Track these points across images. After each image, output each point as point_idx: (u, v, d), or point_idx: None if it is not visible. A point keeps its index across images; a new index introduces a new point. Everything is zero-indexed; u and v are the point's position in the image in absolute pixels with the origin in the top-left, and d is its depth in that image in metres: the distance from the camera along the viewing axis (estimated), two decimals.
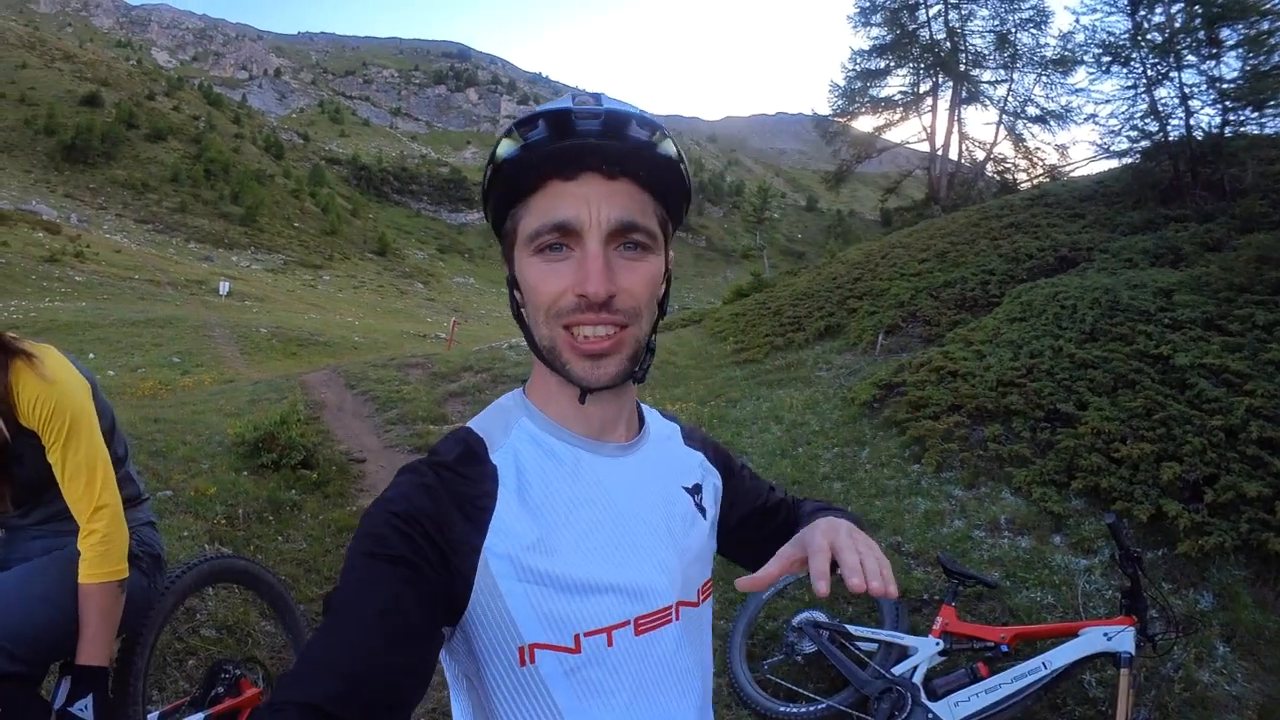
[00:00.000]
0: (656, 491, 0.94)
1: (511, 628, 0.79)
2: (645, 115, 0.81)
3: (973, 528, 4.64)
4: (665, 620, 0.88)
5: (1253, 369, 5.13)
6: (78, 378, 1.82)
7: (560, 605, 0.80)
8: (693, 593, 0.94)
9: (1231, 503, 4.19)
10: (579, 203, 0.79)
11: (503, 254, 0.90)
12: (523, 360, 12.03)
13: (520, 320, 0.88)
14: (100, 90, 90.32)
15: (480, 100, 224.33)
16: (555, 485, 0.86)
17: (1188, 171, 10.28)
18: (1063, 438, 5.09)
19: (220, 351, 20.20)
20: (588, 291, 0.78)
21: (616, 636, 0.83)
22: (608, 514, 0.87)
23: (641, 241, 0.82)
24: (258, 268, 56.81)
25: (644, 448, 0.96)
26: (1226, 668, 3.41)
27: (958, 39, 25.00)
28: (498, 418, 0.92)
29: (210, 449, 6.46)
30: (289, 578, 4.17)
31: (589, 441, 0.90)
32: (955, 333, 7.73)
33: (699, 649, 0.95)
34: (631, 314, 0.82)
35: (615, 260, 0.81)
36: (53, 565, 1.77)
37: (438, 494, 0.79)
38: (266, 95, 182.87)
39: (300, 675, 0.66)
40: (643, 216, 0.82)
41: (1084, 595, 3.85)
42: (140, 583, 1.93)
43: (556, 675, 0.80)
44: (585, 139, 0.78)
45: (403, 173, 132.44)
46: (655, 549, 0.89)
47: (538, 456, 0.87)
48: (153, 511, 2.15)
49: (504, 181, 0.82)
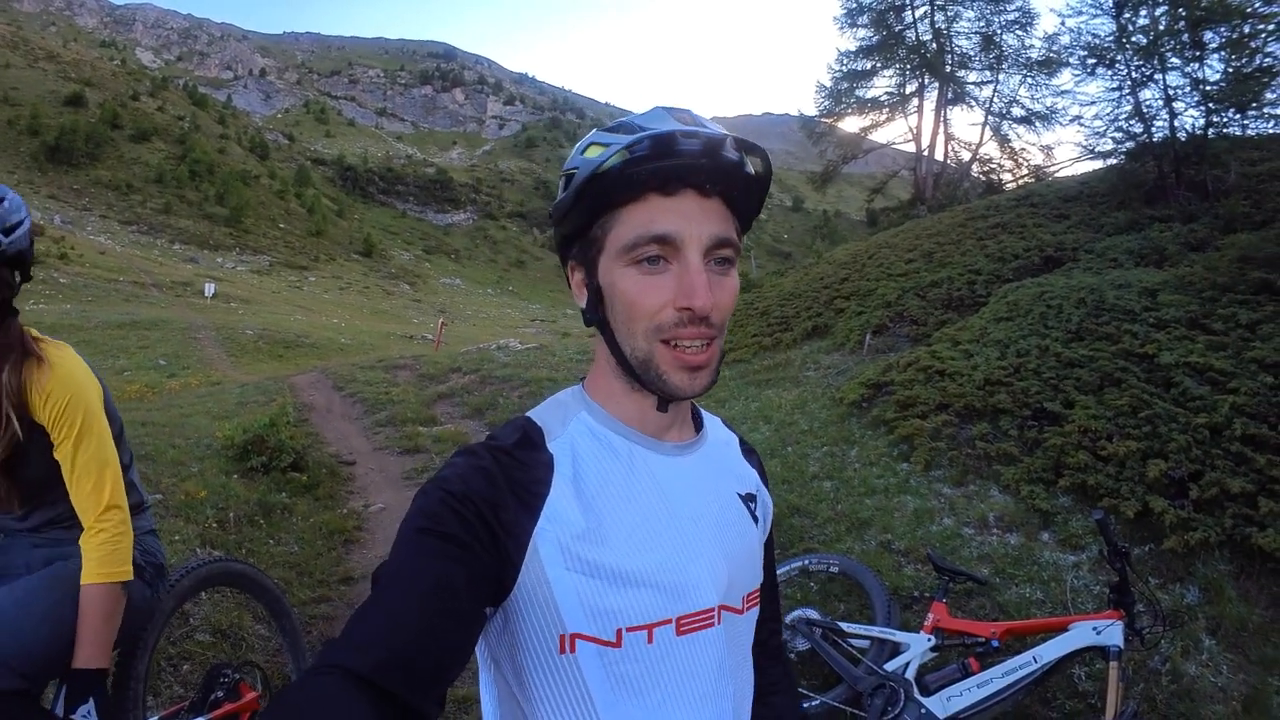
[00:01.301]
0: (710, 493, 0.95)
1: (555, 615, 0.80)
2: (737, 137, 0.84)
3: (962, 525, 4.68)
4: (708, 623, 0.88)
5: (1236, 367, 5.19)
6: (92, 378, 1.82)
7: (605, 597, 0.81)
8: (738, 599, 0.94)
9: (1216, 499, 4.24)
10: (679, 218, 0.82)
11: (573, 258, 0.91)
12: (511, 361, 12.03)
13: (603, 326, 0.89)
14: (84, 90, 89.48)
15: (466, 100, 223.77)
16: (610, 477, 0.87)
17: (1171, 172, 10.38)
18: (1050, 436, 5.14)
19: (207, 354, 20.09)
20: (694, 305, 0.80)
21: (658, 634, 0.83)
22: (660, 510, 0.88)
23: (729, 257, 0.85)
24: (243, 269, 56.51)
25: (701, 449, 0.97)
26: (1212, 660, 3.46)
27: (944, 40, 25.11)
28: (556, 410, 0.93)
29: (199, 452, 6.43)
30: (281, 581, 4.16)
31: (647, 439, 0.91)
32: (942, 332, 7.77)
33: (740, 656, 0.95)
34: (721, 327, 0.85)
35: (709, 274, 0.83)
36: (55, 581, 1.75)
37: (493, 476, 0.81)
38: (251, 95, 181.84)
39: (346, 643, 0.68)
40: (730, 232, 0.85)
41: (1072, 591, 3.89)
42: (143, 592, 1.91)
43: (595, 667, 0.81)
44: (686, 159, 0.80)
45: (388, 173, 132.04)
46: (704, 550, 0.90)
47: (594, 449, 0.89)
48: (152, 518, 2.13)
49: (599, 190, 0.83)
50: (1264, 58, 9.74)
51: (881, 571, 4.08)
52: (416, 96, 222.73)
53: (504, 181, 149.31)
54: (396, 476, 6.76)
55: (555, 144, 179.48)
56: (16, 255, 1.70)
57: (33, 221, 1.78)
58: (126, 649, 2.02)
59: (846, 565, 3.87)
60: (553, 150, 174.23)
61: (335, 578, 4.52)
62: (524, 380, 10.21)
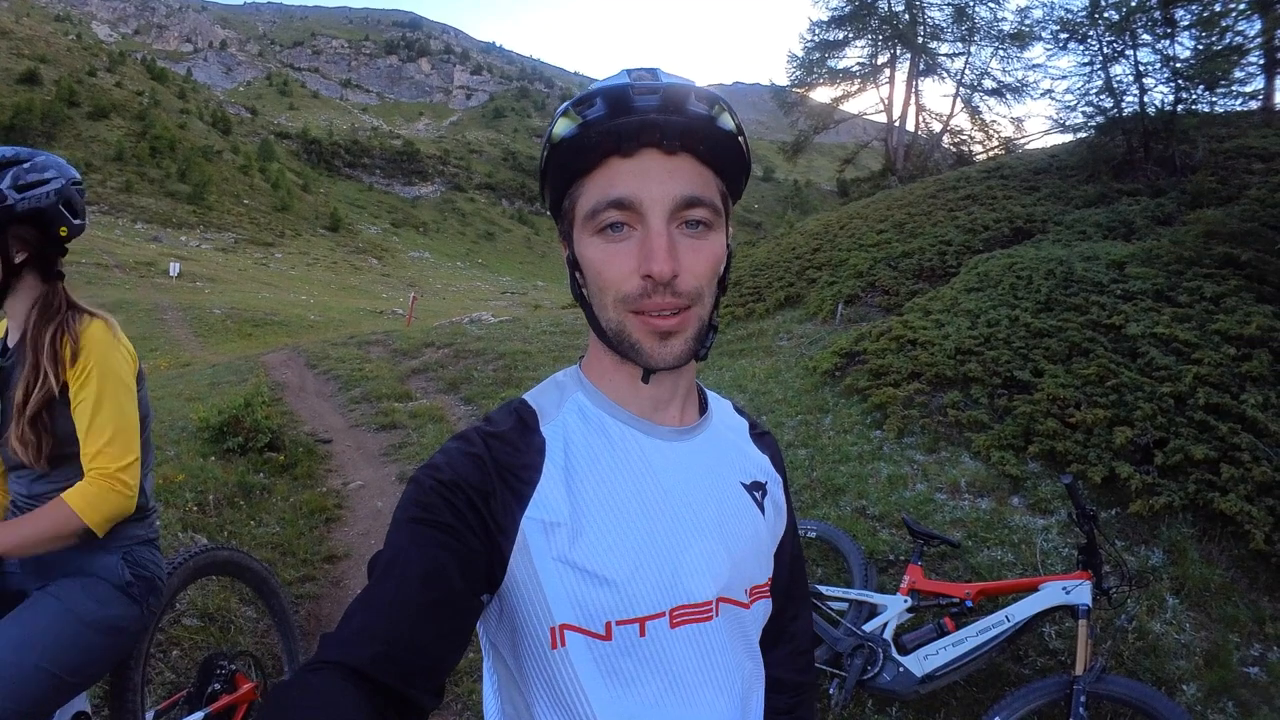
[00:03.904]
0: (710, 481, 0.90)
1: (544, 606, 0.78)
2: (704, 89, 0.79)
3: (934, 491, 4.78)
4: (705, 616, 0.84)
5: (1200, 339, 5.33)
6: (127, 352, 1.84)
7: (591, 590, 0.78)
8: (740, 591, 0.89)
9: (1180, 465, 4.37)
10: (638, 179, 0.77)
11: (560, 234, 0.88)
12: (484, 335, 12.00)
13: (581, 300, 0.86)
14: (39, 67, 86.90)
15: (433, 71, 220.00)
16: (602, 464, 0.84)
17: (1140, 147, 10.54)
18: (1020, 404, 5.25)
19: (174, 335, 19.77)
20: (653, 271, 0.76)
21: (650, 627, 0.80)
22: (652, 499, 0.84)
23: (703, 219, 0.80)
24: (208, 247, 55.36)
25: (702, 435, 0.92)
26: (1176, 618, 3.59)
27: (916, 11, 25.08)
28: (553, 391, 0.91)
29: (174, 435, 6.37)
30: (266, 562, 4.16)
31: (643, 422, 0.88)
32: (914, 302, 7.87)
33: (744, 649, 0.91)
34: (694, 295, 0.79)
35: (678, 239, 0.78)
36: (53, 621, 1.71)
37: (483, 463, 0.79)
38: (212, 69, 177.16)
39: (342, 637, 0.67)
40: (705, 191, 0.79)
41: (1042, 553, 4.01)
42: (131, 611, 1.85)
43: (586, 660, 0.79)
44: (644, 115, 0.76)
45: (354, 146, 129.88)
46: (700, 541, 0.85)
47: (587, 433, 0.86)
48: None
49: (561, 161, 0.80)
50: (1234, 36, 9.91)
51: (858, 536, 4.17)
52: (382, 67, 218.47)
53: (472, 153, 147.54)
54: (374, 453, 6.75)
55: (523, 114, 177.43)
56: (33, 212, 1.72)
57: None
58: (121, 661, 1.99)
59: (824, 530, 3.96)
60: (521, 121, 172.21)
61: (319, 556, 4.52)
62: (498, 354, 10.19)
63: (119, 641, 1.84)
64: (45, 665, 1.65)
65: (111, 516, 1.73)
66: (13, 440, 1.71)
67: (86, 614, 1.75)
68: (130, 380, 1.81)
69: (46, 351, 1.70)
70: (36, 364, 1.70)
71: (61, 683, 1.69)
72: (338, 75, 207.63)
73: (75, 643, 1.72)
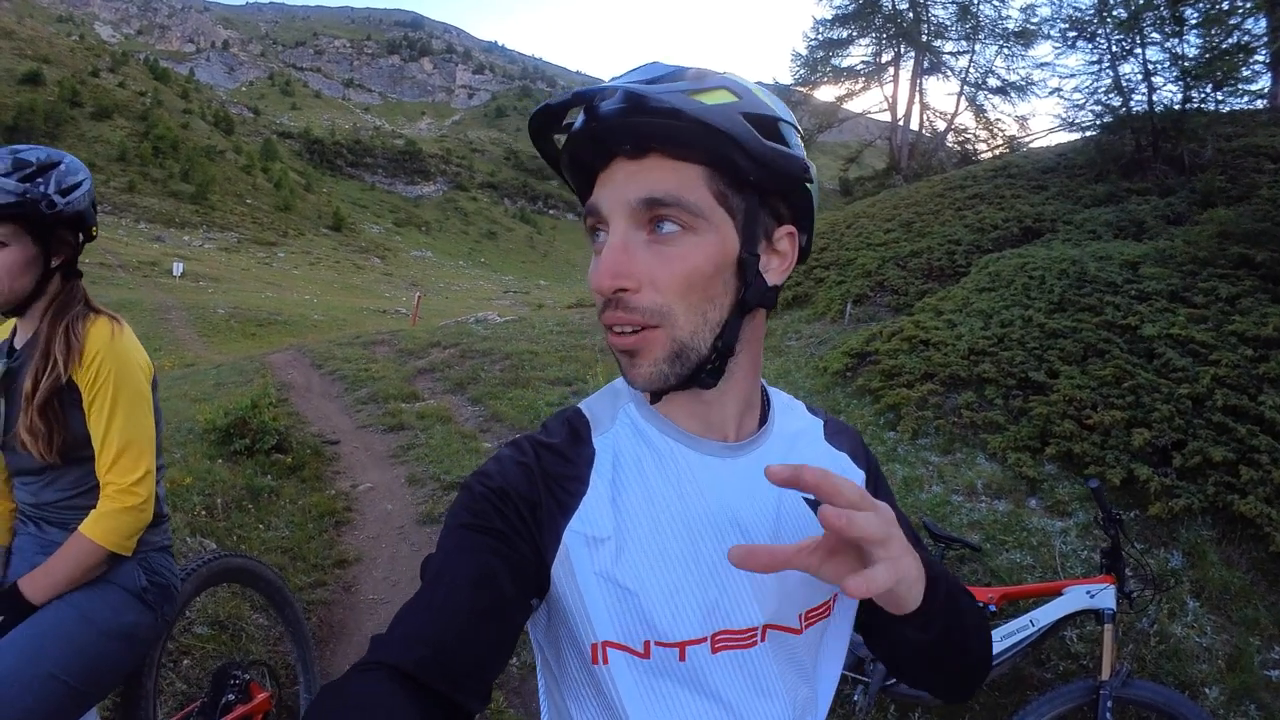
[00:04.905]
0: (765, 499, 0.82)
1: (586, 621, 0.76)
2: (677, 73, 0.73)
3: (951, 493, 4.75)
4: (750, 642, 0.79)
5: (1217, 340, 5.28)
6: (143, 358, 1.82)
7: (631, 609, 0.75)
8: (792, 617, 0.82)
9: (1199, 467, 4.34)
10: (603, 187, 0.74)
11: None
12: (490, 335, 11.97)
13: None
14: (42, 68, 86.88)
15: (435, 70, 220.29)
16: (649, 480, 0.80)
17: (1149, 146, 10.48)
18: (1035, 405, 5.21)
19: (178, 334, 19.79)
20: (591, 285, 0.72)
21: (690, 652, 0.77)
22: (698, 519, 0.79)
23: (676, 219, 0.71)
24: (211, 247, 55.41)
25: (760, 449, 0.85)
26: (1197, 621, 3.56)
27: (920, 9, 25.04)
28: (608, 400, 0.87)
29: (180, 437, 6.32)
30: (277, 567, 4.13)
31: (693, 438, 0.82)
32: (924, 302, 7.83)
33: (795, 674, 0.84)
34: (653, 312, 0.72)
35: (643, 248, 0.72)
36: (69, 629, 1.69)
37: (532, 473, 0.78)
38: (215, 69, 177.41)
39: (391, 639, 0.67)
40: (676, 190, 0.71)
41: (1061, 556, 3.98)
42: (146, 619, 1.83)
43: (627, 679, 0.76)
44: (605, 121, 0.71)
45: (356, 145, 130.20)
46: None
47: (636, 446, 0.82)
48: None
49: (571, 179, 0.79)
50: (1241, 34, 9.88)
51: None
52: (384, 67, 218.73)
53: (474, 152, 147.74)
54: (382, 455, 6.71)
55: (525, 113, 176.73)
56: (75, 216, 1.74)
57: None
58: (134, 671, 1.96)
59: None
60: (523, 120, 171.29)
61: (329, 561, 4.47)
62: (505, 354, 10.14)
63: (134, 650, 1.81)
64: (59, 674, 1.62)
65: (131, 534, 1.73)
66: (22, 432, 1.69)
67: (102, 622, 1.72)
68: (146, 388, 1.80)
69: (59, 343, 1.70)
70: (48, 353, 1.69)
71: (75, 692, 1.66)
72: (340, 75, 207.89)
73: (90, 651, 1.69)
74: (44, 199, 1.66)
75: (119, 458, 1.70)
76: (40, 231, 1.70)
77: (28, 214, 1.65)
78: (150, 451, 1.76)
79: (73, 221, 1.75)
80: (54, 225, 1.71)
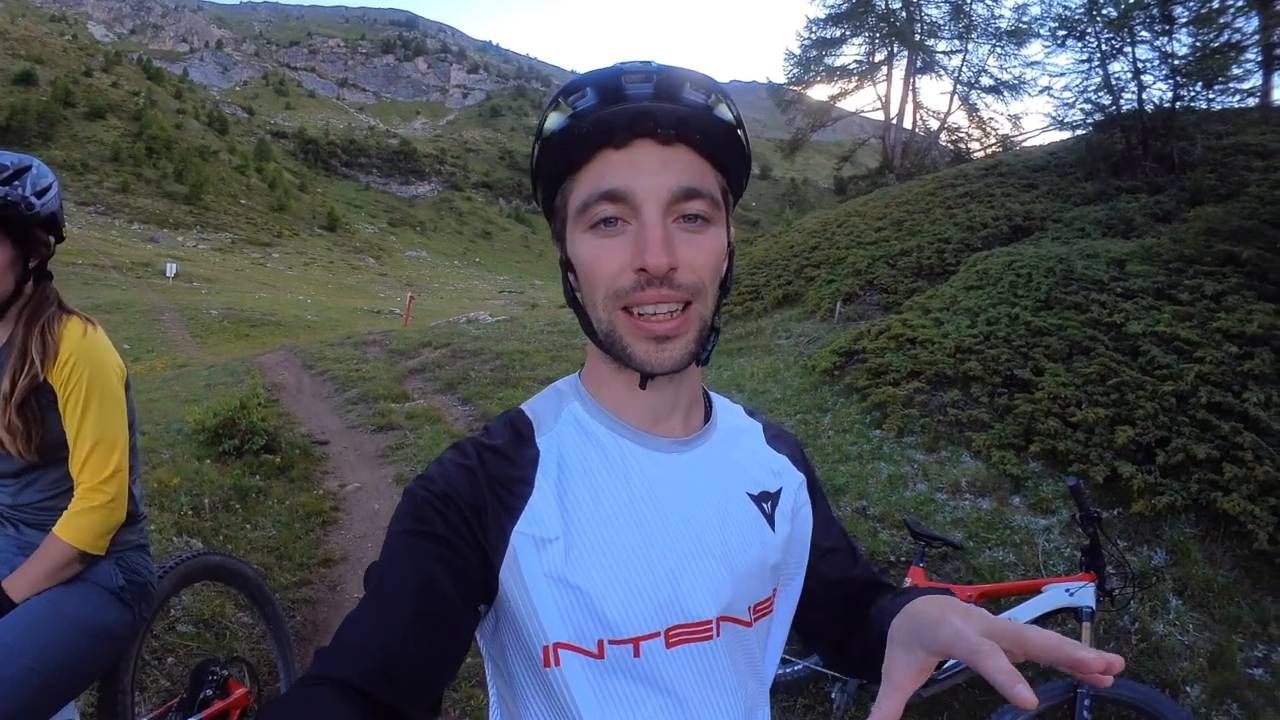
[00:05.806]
0: (713, 494, 0.84)
1: (537, 624, 0.75)
2: (701, 76, 0.75)
3: (935, 491, 4.76)
4: (704, 635, 0.79)
5: (1202, 337, 5.30)
6: (115, 358, 1.85)
7: (583, 608, 0.75)
8: (743, 610, 0.84)
9: (1182, 464, 4.35)
10: (631, 170, 0.73)
11: (554, 236, 0.83)
12: (482, 335, 11.97)
13: (575, 305, 0.82)
14: (35, 68, 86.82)
15: (429, 69, 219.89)
16: (596, 478, 0.80)
17: (1139, 144, 10.52)
18: (1020, 403, 5.23)
19: (171, 335, 19.73)
20: (648, 264, 0.71)
21: (644, 647, 0.76)
22: (648, 514, 0.79)
23: (702, 212, 0.75)
24: (205, 247, 55.29)
25: (705, 445, 0.87)
26: (1179, 619, 3.57)
27: (913, 9, 25.11)
28: (551, 400, 0.88)
29: (169, 438, 6.32)
30: (261, 566, 4.12)
31: (639, 434, 0.83)
32: (913, 301, 7.85)
33: (747, 668, 0.86)
34: (695, 290, 0.75)
35: (675, 233, 0.74)
36: (46, 625, 1.71)
37: (476, 476, 0.77)
38: (208, 68, 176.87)
39: (335, 652, 0.66)
40: (703, 183, 0.75)
41: (1043, 554, 3.99)
42: (123, 617, 1.86)
43: (580, 680, 0.75)
44: (637, 103, 0.72)
45: (351, 145, 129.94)
46: (699, 557, 0.80)
47: (582, 445, 0.82)
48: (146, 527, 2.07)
49: (553, 156, 0.77)
50: (1231, 33, 9.92)
51: (858, 537, 4.14)
52: (378, 66, 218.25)
53: (469, 152, 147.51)
54: (371, 455, 6.71)
55: (520, 113, 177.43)
56: (50, 217, 1.77)
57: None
58: (111, 667, 1.98)
59: None
60: (518, 119, 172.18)
61: (315, 560, 4.48)
62: (495, 354, 10.15)
63: (110, 646, 1.84)
64: (35, 667, 1.65)
65: (102, 533, 1.75)
66: (1, 431, 1.71)
67: (79, 619, 1.75)
68: (119, 388, 1.82)
69: (36, 343, 1.72)
70: (24, 352, 1.71)
71: (52, 687, 1.68)
72: (334, 75, 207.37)
73: (66, 647, 1.71)
74: (23, 201, 1.69)
75: (90, 455, 1.73)
76: (19, 233, 1.72)
77: (7, 216, 1.67)
78: (121, 450, 1.78)
79: (47, 223, 1.78)
80: (31, 226, 1.74)
